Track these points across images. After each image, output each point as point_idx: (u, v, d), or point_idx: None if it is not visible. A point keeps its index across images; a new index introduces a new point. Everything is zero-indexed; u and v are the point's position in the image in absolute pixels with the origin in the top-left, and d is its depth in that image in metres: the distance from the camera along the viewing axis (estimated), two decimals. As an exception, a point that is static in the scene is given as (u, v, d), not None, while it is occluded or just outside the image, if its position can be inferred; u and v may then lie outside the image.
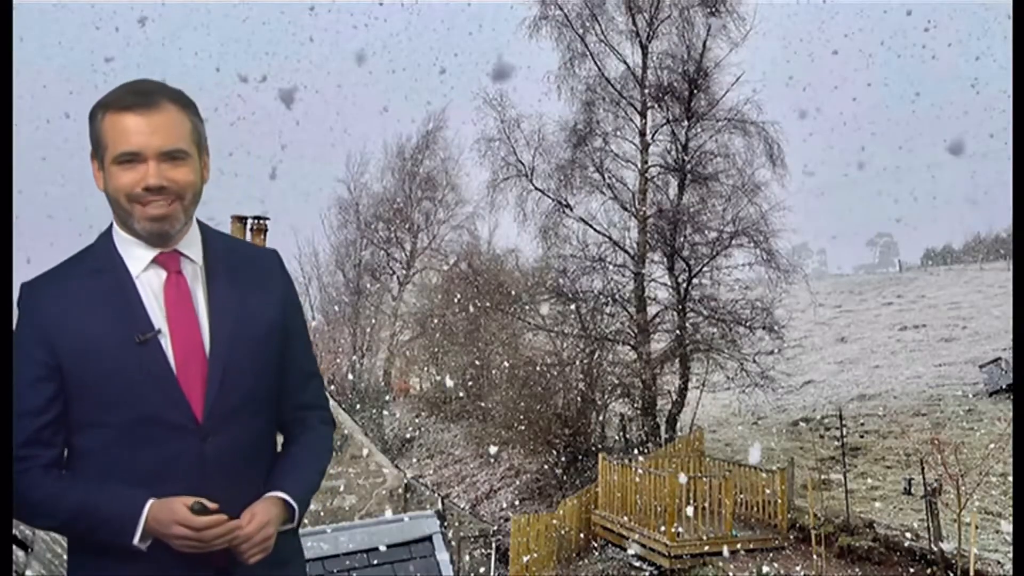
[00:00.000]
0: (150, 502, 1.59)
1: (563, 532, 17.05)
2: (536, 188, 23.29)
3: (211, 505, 1.59)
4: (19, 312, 1.71)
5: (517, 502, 22.45)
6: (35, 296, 1.70)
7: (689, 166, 22.28)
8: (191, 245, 1.75)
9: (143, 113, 1.63)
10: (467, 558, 17.27)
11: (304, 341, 1.89)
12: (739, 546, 14.73)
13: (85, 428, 1.67)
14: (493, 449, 23.88)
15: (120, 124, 1.62)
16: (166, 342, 1.67)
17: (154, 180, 1.63)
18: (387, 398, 33.04)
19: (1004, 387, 21.99)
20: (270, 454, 1.82)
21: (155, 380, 1.64)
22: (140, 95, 1.64)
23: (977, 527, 12.84)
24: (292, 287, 1.89)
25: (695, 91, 22.33)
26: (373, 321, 36.05)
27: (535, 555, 16.25)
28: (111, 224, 1.75)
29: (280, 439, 1.89)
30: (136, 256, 1.71)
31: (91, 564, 1.68)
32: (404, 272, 36.96)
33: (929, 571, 13.21)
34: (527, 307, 23.84)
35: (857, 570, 13.98)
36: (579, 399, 22.76)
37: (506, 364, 24.08)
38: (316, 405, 1.92)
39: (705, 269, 22.08)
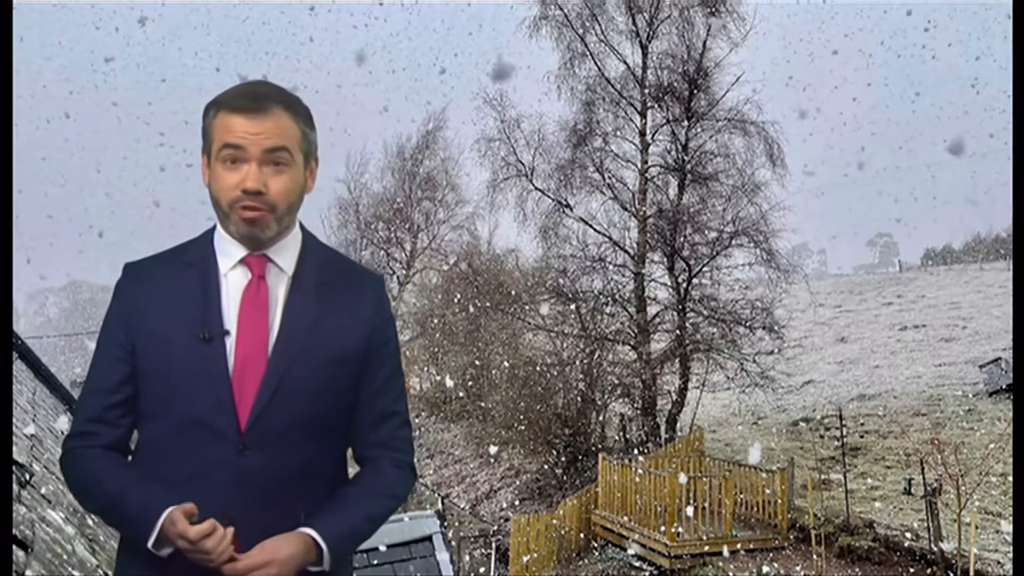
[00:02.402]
0: (169, 509, 1.53)
1: (563, 532, 17.05)
2: (536, 188, 23.31)
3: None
4: (114, 291, 1.73)
5: (517, 502, 22.45)
6: (130, 278, 1.73)
7: (689, 166, 22.28)
8: (284, 252, 1.71)
9: (252, 116, 1.63)
10: (467, 558, 17.28)
11: (387, 378, 1.77)
12: (739, 546, 14.73)
13: (147, 418, 1.67)
14: (493, 449, 23.88)
15: (229, 122, 1.63)
16: (231, 344, 1.64)
17: (252, 184, 1.62)
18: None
19: (1004, 387, 22.00)
20: (324, 485, 1.70)
21: (210, 380, 1.61)
22: (252, 98, 1.64)
23: (977, 527, 12.84)
24: (388, 320, 1.79)
25: (695, 91, 22.33)
26: (373, 321, 35.96)
27: (535, 555, 16.25)
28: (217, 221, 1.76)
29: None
30: (228, 254, 1.70)
31: (134, 565, 1.66)
32: (404, 272, 36.94)
33: (929, 571, 13.21)
34: (527, 307, 23.84)
35: (857, 570, 13.98)
36: (579, 399, 22.74)
37: (506, 364, 24.06)
38: (390, 447, 1.78)
39: (705, 269, 22.08)
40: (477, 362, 27.05)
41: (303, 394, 1.64)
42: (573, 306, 22.40)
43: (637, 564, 15.64)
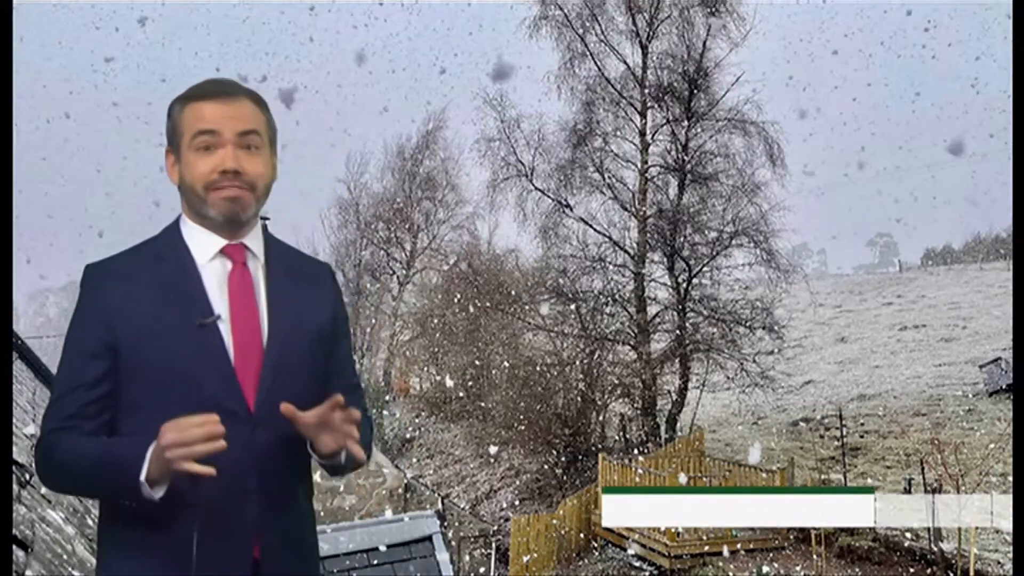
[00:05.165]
0: (155, 444, 1.57)
1: (563, 532, 17.06)
2: (536, 188, 23.31)
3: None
4: (81, 292, 1.74)
5: (517, 502, 22.45)
6: (98, 278, 1.73)
7: (689, 166, 22.29)
8: (255, 241, 1.79)
9: (222, 101, 1.70)
10: (467, 558, 17.27)
11: (347, 350, 1.91)
12: (739, 546, 14.73)
13: (135, 409, 1.67)
14: (493, 449, 23.88)
15: (199, 110, 1.70)
16: (225, 329, 1.69)
17: (231, 163, 1.68)
18: (387, 398, 33.04)
19: (1004, 387, 22.00)
20: (308, 456, 1.81)
21: (212, 366, 1.66)
22: (220, 85, 1.73)
23: (977, 527, 12.84)
24: (342, 299, 1.93)
25: (695, 91, 22.33)
26: (373, 321, 36.05)
27: (535, 555, 16.26)
28: (178, 217, 1.79)
29: None
30: (203, 245, 1.74)
31: (120, 557, 1.68)
32: (404, 272, 36.95)
33: (929, 571, 13.22)
34: (527, 307, 23.84)
35: (857, 570, 13.99)
36: (579, 399, 22.75)
37: (506, 364, 24.07)
38: (360, 412, 1.91)
39: (705, 269, 22.09)
40: (477, 362, 27.06)
41: (298, 372, 1.73)
42: (573, 306, 22.41)
43: (637, 564, 15.64)
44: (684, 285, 21.91)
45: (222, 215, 1.71)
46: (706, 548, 14.69)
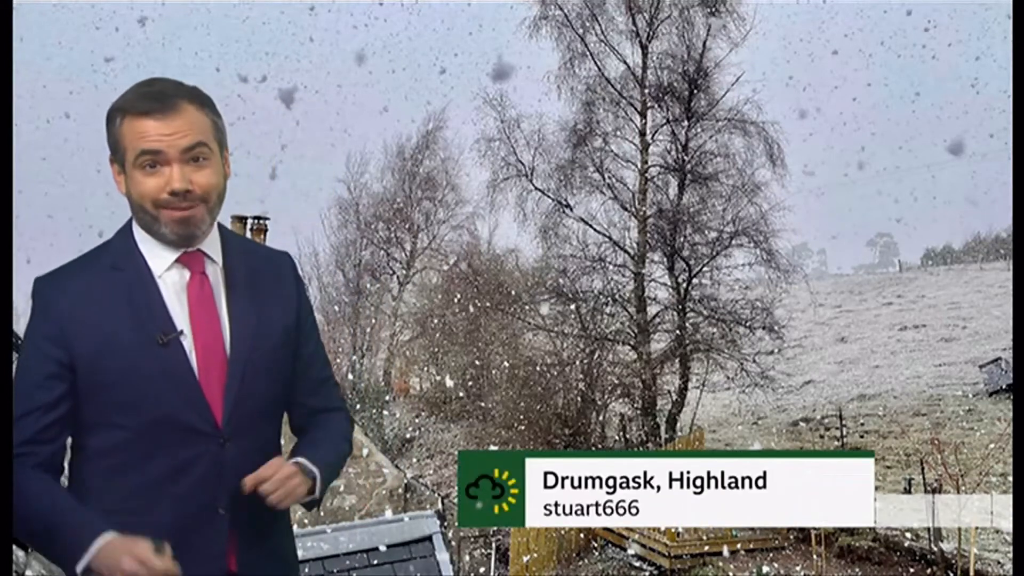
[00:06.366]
0: (107, 537, 1.48)
1: (563, 532, 17.06)
2: (536, 188, 23.31)
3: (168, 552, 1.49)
4: (33, 306, 1.66)
5: (517, 502, 22.42)
6: (50, 291, 1.65)
7: (689, 166, 22.30)
8: (212, 245, 1.71)
9: (162, 117, 1.60)
10: (467, 558, 17.28)
11: (315, 344, 1.84)
12: (739, 546, 14.74)
13: (99, 428, 1.61)
14: (493, 449, 23.88)
15: (140, 128, 1.60)
16: (188, 343, 1.63)
17: (179, 184, 1.60)
18: (387, 398, 33.03)
19: (1004, 387, 22.01)
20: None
21: (175, 382, 1.61)
22: (157, 99, 1.61)
23: (977, 527, 12.85)
24: (304, 291, 1.86)
25: (695, 91, 22.34)
26: (373, 321, 36.04)
27: (535, 555, 16.26)
28: (129, 221, 1.71)
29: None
30: (159, 255, 1.67)
31: None
32: (404, 272, 36.94)
33: (929, 571, 13.22)
34: (527, 307, 23.84)
35: (857, 570, 13.99)
36: (579, 399, 22.76)
37: (506, 364, 24.07)
38: (332, 408, 1.86)
39: (705, 269, 22.10)
40: (477, 362, 27.04)
41: (264, 380, 1.69)
42: (573, 306, 22.42)
43: (637, 564, 15.65)
44: (684, 285, 21.92)
45: (175, 235, 1.64)
46: (706, 548, 14.70)
